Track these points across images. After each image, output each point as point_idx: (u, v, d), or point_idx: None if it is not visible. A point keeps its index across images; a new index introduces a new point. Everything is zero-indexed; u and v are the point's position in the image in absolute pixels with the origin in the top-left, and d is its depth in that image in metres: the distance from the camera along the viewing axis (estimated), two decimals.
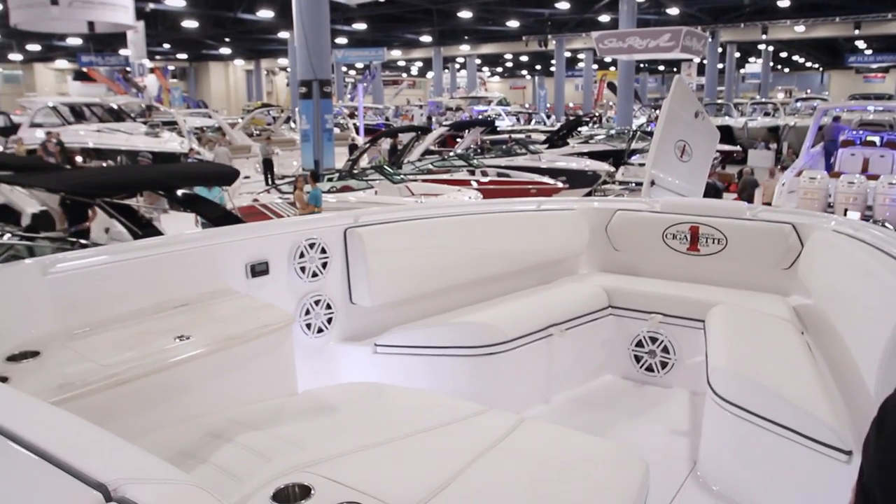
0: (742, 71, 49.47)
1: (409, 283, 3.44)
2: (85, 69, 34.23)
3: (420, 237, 3.51)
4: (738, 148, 21.24)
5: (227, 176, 6.93)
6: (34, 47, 40.42)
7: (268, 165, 18.15)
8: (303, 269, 3.18)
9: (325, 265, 3.26)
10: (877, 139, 14.30)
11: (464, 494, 1.81)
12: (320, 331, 3.28)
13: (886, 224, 9.05)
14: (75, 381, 2.00)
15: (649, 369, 3.75)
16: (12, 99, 31.86)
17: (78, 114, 22.72)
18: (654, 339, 3.71)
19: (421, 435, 2.17)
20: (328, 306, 3.29)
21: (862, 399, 2.52)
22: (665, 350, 3.69)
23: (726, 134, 21.62)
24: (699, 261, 3.93)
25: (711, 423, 2.81)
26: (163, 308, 2.62)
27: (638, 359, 3.78)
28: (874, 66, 45.44)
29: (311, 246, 3.19)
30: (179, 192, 7.84)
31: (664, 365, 3.71)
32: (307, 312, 3.22)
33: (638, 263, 4.15)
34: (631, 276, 4.10)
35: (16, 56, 42.22)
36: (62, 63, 46.48)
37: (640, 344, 3.76)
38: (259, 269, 3.01)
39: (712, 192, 12.10)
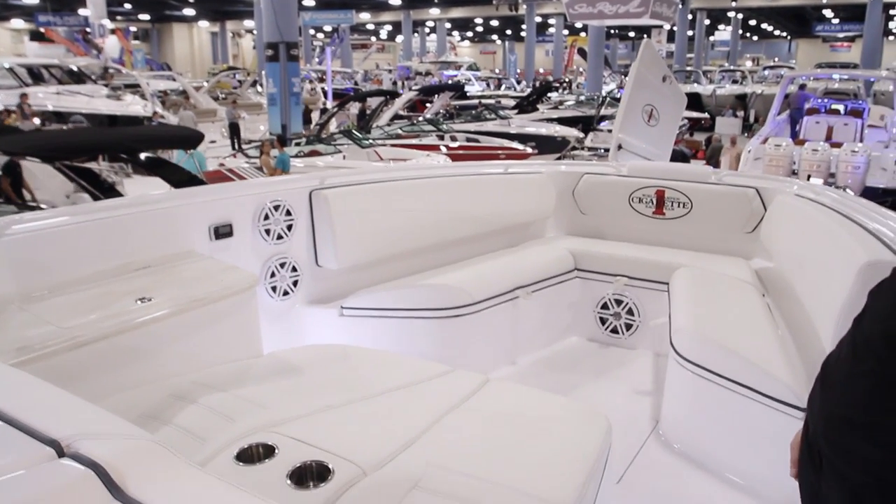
0: (711, 38, 49.60)
1: (376, 245, 3.42)
2: (42, 29, 33.17)
3: (387, 199, 3.49)
4: (706, 115, 21.39)
5: (190, 139, 6.79)
6: None
7: (234, 130, 17.84)
8: (267, 231, 3.14)
9: (290, 227, 3.22)
10: (841, 107, 14.49)
11: (428, 452, 1.82)
12: (286, 294, 3.26)
13: (848, 190, 9.22)
14: (34, 344, 1.97)
15: (614, 331, 3.80)
16: None
17: (36, 76, 22.04)
18: (619, 302, 3.76)
19: (386, 395, 2.18)
20: (294, 269, 3.27)
21: (818, 358, 2.57)
22: (630, 312, 3.74)
23: (695, 101, 21.75)
24: (665, 224, 3.97)
25: (673, 382, 2.87)
26: (124, 270, 2.58)
27: (603, 321, 3.82)
28: (840, 35, 45.82)
29: (276, 208, 3.15)
30: (143, 156, 7.69)
31: (629, 327, 3.76)
32: (272, 275, 3.19)
33: (604, 227, 4.18)
34: (597, 239, 4.13)
35: None
36: (18, 23, 44.92)
37: (605, 306, 3.80)
38: (223, 232, 2.97)
39: (679, 158, 12.20)
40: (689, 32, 38.34)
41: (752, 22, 50.41)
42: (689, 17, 36.87)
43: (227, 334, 2.49)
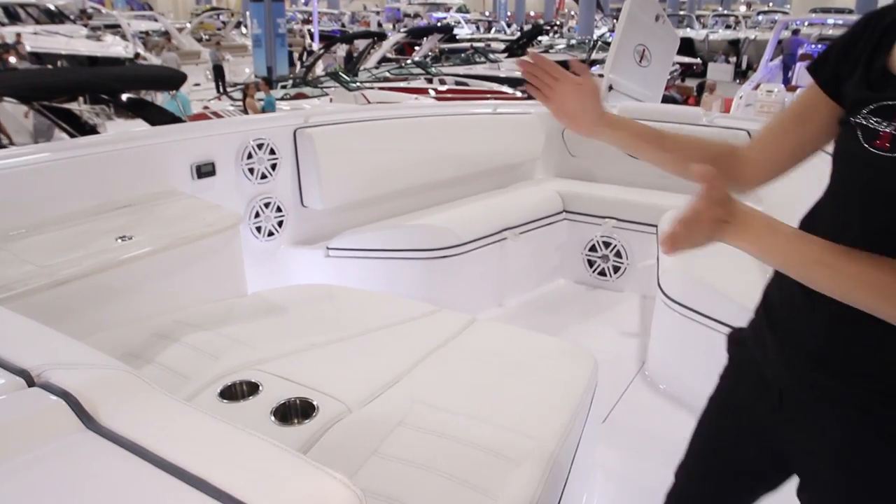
0: None
1: (362, 185, 3.37)
2: None
3: (373, 139, 3.42)
4: (699, 60, 21.12)
5: (172, 79, 6.64)
6: None
7: (218, 72, 17.49)
8: (251, 170, 3.08)
9: (274, 167, 3.16)
10: None
11: (414, 390, 1.81)
12: (270, 234, 3.21)
13: None
14: (12, 282, 1.92)
15: (602, 273, 3.80)
16: None
17: (12, 15, 21.41)
18: (607, 244, 3.74)
19: (371, 334, 2.16)
20: (278, 209, 3.22)
21: None
22: (618, 255, 3.73)
23: (687, 46, 21.44)
24: (654, 166, 3.93)
25: (660, 324, 2.87)
26: (104, 209, 2.52)
27: (591, 263, 3.81)
28: None
29: (260, 146, 3.09)
30: (124, 97, 7.51)
31: (616, 269, 3.75)
32: (257, 215, 3.15)
33: (593, 169, 4.14)
34: (586, 181, 4.09)
35: None
36: None
37: (593, 248, 3.78)
38: (205, 171, 2.91)
39: (670, 104, 12.08)
40: None
41: None
42: None
43: (211, 273, 2.45)
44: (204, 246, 2.40)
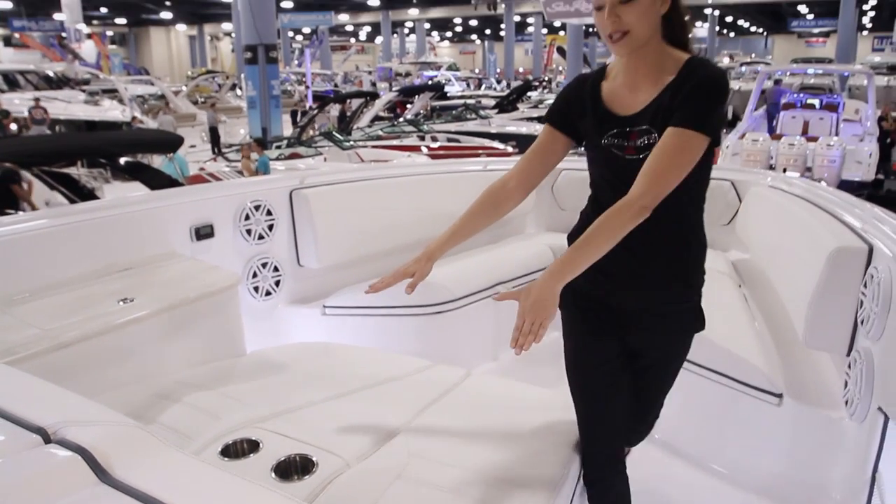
0: (690, 35, 49.92)
1: (357, 244, 3.44)
2: (17, 35, 32.79)
3: (367, 198, 3.51)
4: None
5: (170, 143, 6.78)
6: None
7: (214, 134, 17.78)
8: (249, 231, 3.16)
9: (271, 227, 3.24)
10: (816, 102, 14.68)
11: (411, 444, 1.85)
12: (268, 294, 3.27)
13: (823, 183, 9.34)
14: (17, 346, 1.98)
15: None
16: None
17: (11, 82, 21.82)
18: None
19: (369, 390, 2.21)
20: (275, 269, 3.29)
21: (791, 344, 2.64)
22: None
23: None
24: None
25: None
26: (105, 272, 2.59)
27: None
28: (815, 30, 46.41)
29: (257, 208, 3.17)
30: (122, 161, 7.64)
31: None
32: (254, 275, 3.21)
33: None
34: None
35: None
36: None
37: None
38: (204, 233, 2.99)
39: None
40: None
41: (729, 18, 50.96)
42: None
43: (210, 334, 2.50)
44: (203, 307, 2.46)
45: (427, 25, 48.66)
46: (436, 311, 3.25)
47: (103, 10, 40.64)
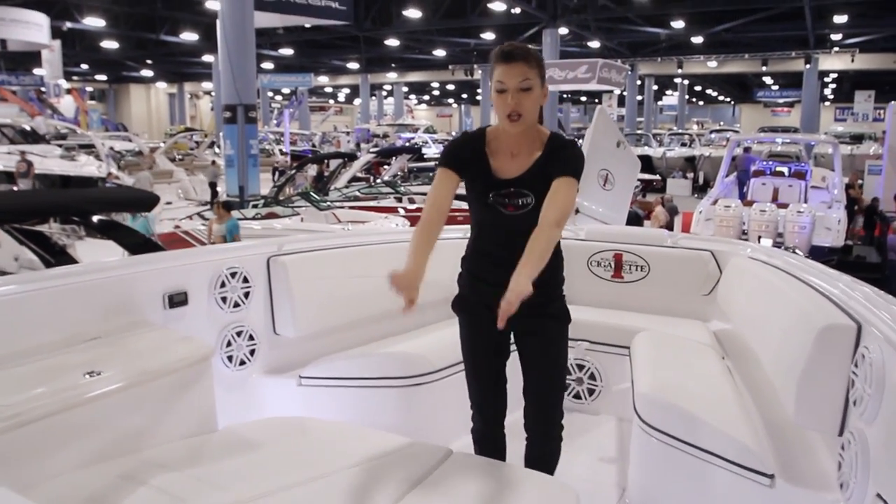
0: (660, 103, 51.43)
1: (335, 312, 3.36)
2: None
3: (345, 265, 3.45)
4: (658, 177, 21.99)
5: (145, 201, 6.67)
6: None
7: (213, 189, 17.74)
8: (224, 299, 3.07)
9: (247, 295, 3.15)
10: (785, 170, 15.04)
11: None
12: (242, 363, 3.17)
13: (797, 251, 9.47)
14: None
15: (577, 396, 3.77)
16: None
17: None
18: (581, 367, 3.74)
19: (345, 472, 2.10)
20: (251, 337, 3.19)
21: (781, 422, 2.59)
22: (592, 377, 3.72)
23: (646, 163, 22.38)
24: (623, 288, 4.00)
25: (638, 449, 2.84)
26: (72, 342, 2.47)
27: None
28: (780, 100, 47.94)
29: (233, 275, 3.09)
30: (95, 219, 7.51)
31: (591, 392, 3.74)
32: (228, 344, 3.11)
33: (565, 291, 4.19)
34: None
35: None
36: None
37: (567, 371, 3.77)
38: (177, 300, 2.89)
39: (634, 219, 12.44)
40: (639, 97, 39.72)
41: (698, 88, 52.54)
42: (638, 82, 38.28)
43: (181, 408, 2.39)
44: (174, 380, 2.35)
45: (405, 89, 49.46)
46: (416, 383, 3.16)
47: (84, 66, 40.85)
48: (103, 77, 47.57)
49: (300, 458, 2.21)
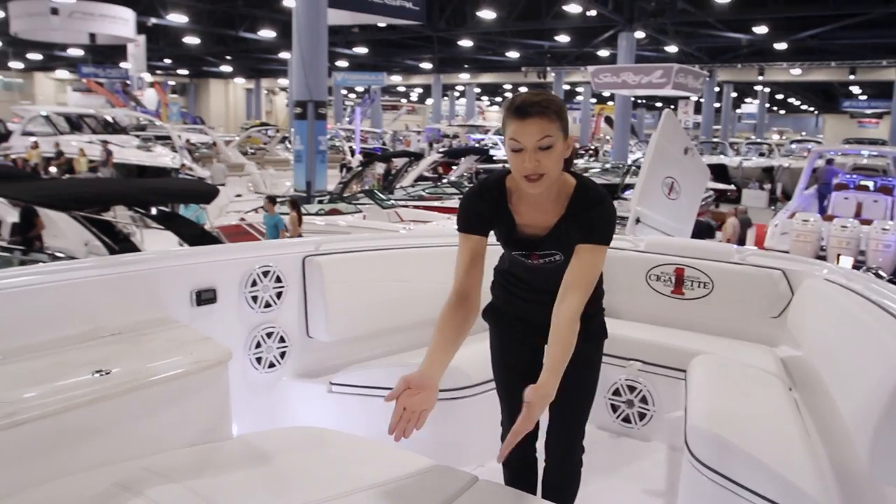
0: (738, 111, 49.89)
1: (371, 317, 3.21)
2: (84, 80, 34.16)
3: (384, 269, 3.29)
4: (733, 187, 21.16)
5: (205, 194, 6.71)
6: (35, 56, 40.40)
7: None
8: (255, 298, 2.95)
9: (279, 295, 3.03)
10: (870, 184, 14.22)
11: None
12: (272, 366, 3.04)
13: (880, 272, 8.87)
14: None
15: (626, 420, 3.51)
16: (10, 107, 31.80)
17: (74, 124, 22.59)
18: (632, 388, 3.48)
19: (362, 494, 1.93)
20: (282, 339, 3.06)
21: (854, 472, 2.29)
22: (644, 400, 3.46)
23: (721, 172, 21.59)
24: (683, 305, 3.72)
25: (688, 486, 2.57)
26: (91, 337, 2.39)
27: (614, 408, 3.54)
28: (868, 111, 45.76)
29: (265, 274, 2.97)
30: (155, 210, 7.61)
31: (642, 416, 3.47)
32: (258, 345, 2.99)
33: (618, 305, 3.93)
34: (611, 318, 3.86)
35: (16, 64, 42.23)
36: (63, 73, 46.45)
37: (617, 392, 3.52)
38: (206, 297, 2.78)
39: (705, 230, 11.94)
40: (717, 104, 38.51)
41: (780, 96, 50.68)
42: (717, 89, 37.11)
43: (191, 414, 2.26)
44: (186, 384, 2.23)
45: (477, 90, 49.37)
46: (450, 398, 2.97)
47: (167, 60, 42.21)
48: (185, 71, 49.10)
49: (313, 475, 2.05)
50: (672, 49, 29.66)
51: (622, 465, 3.25)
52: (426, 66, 40.13)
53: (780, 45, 28.94)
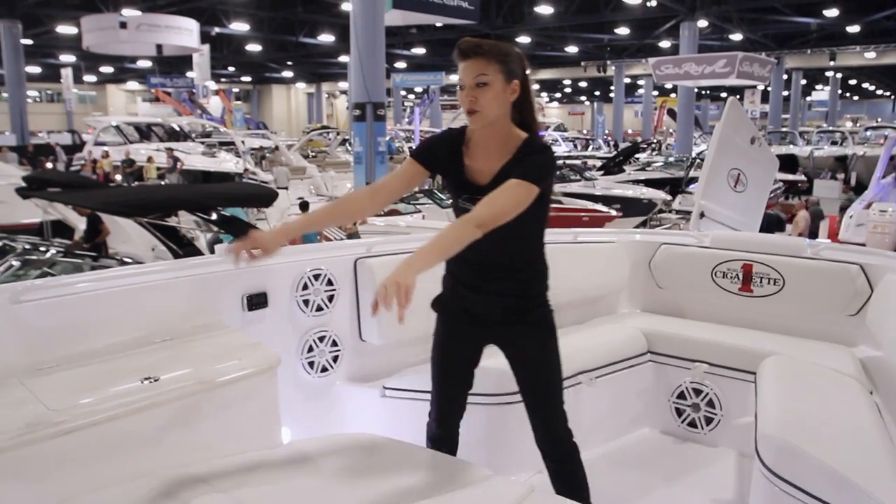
0: (808, 98, 48.03)
1: (425, 320, 3.11)
2: (152, 90, 35.30)
3: (438, 269, 3.21)
4: (803, 177, 20.36)
5: (265, 197, 6.76)
6: (107, 69, 41.97)
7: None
8: (306, 301, 2.92)
9: (331, 298, 2.99)
10: None
11: None
12: (324, 370, 3.01)
13: None
14: (11, 429, 1.77)
15: (692, 424, 3.35)
16: (84, 119, 33.20)
17: (143, 133, 23.39)
18: (698, 391, 3.32)
19: None
20: (334, 343, 3.02)
21: None
22: (710, 404, 3.29)
23: (791, 163, 20.77)
24: (752, 303, 3.53)
25: (760, 497, 2.42)
26: (144, 342, 2.39)
27: (679, 412, 3.38)
28: None
29: (317, 277, 2.93)
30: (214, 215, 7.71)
31: (709, 421, 3.30)
32: (310, 350, 2.96)
33: (683, 303, 3.77)
34: (675, 317, 3.72)
35: (90, 78, 43.98)
36: (133, 85, 48.16)
37: (682, 395, 3.37)
38: (256, 302, 2.77)
39: (774, 223, 11.48)
40: (785, 93, 37.18)
41: (852, 81, 48.59)
42: (785, 77, 35.81)
43: (240, 421, 2.24)
44: (235, 390, 2.20)
45: (536, 86, 48.68)
46: (506, 402, 2.87)
47: (231, 68, 43.26)
48: (248, 78, 50.25)
49: (362, 484, 2.00)
50: (737, 37, 28.74)
51: (688, 472, 3.10)
52: None
53: (853, 28, 27.74)
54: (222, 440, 2.19)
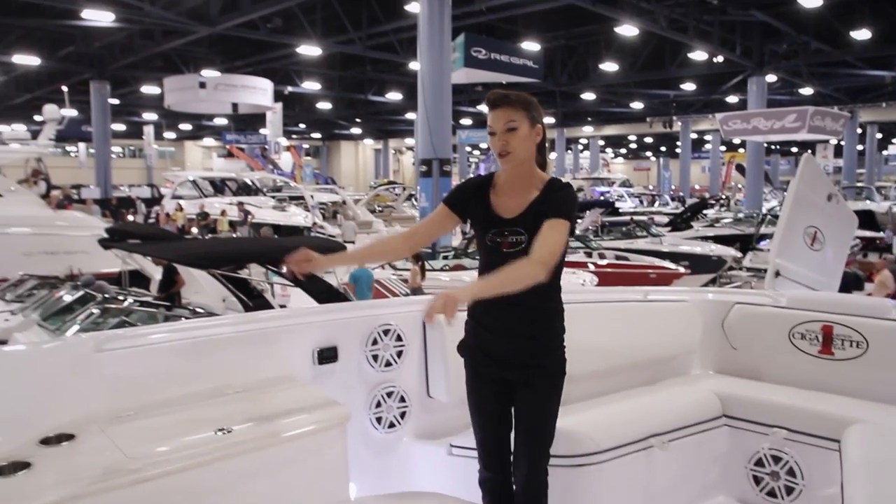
0: (885, 153, 46.55)
1: None
2: (227, 146, 36.77)
3: None
4: (882, 234, 19.60)
5: (332, 251, 6.90)
6: (185, 126, 44.03)
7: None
8: (375, 357, 2.94)
9: (400, 354, 3.00)
10: None
11: None
12: (392, 426, 3.00)
13: None
14: (92, 477, 1.82)
15: (771, 494, 3.19)
16: (163, 173, 34.80)
17: (217, 187, 24.33)
18: (777, 459, 3.17)
19: None
20: (402, 399, 3.02)
21: None
22: (791, 473, 3.13)
23: (868, 219, 20.05)
24: (833, 366, 3.38)
25: None
26: (218, 393, 2.44)
27: (758, 480, 3.23)
28: None
29: (386, 332, 2.95)
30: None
31: (790, 490, 3.14)
32: (378, 405, 2.96)
33: (759, 365, 3.63)
34: (751, 380, 3.58)
35: (170, 134, 46.20)
36: (209, 141, 50.34)
37: (759, 463, 3.21)
38: (327, 356, 2.80)
39: (852, 282, 11.04)
40: (860, 147, 36.14)
41: None
42: (859, 130, 34.87)
43: (309, 476, 2.24)
44: (305, 445, 2.22)
45: (601, 142, 48.95)
46: (576, 465, 2.80)
47: (301, 125, 44.79)
48: (317, 135, 51.89)
49: None
50: (807, 91, 28.26)
51: None
52: (549, 120, 40.27)
53: None
54: (291, 494, 2.19)
